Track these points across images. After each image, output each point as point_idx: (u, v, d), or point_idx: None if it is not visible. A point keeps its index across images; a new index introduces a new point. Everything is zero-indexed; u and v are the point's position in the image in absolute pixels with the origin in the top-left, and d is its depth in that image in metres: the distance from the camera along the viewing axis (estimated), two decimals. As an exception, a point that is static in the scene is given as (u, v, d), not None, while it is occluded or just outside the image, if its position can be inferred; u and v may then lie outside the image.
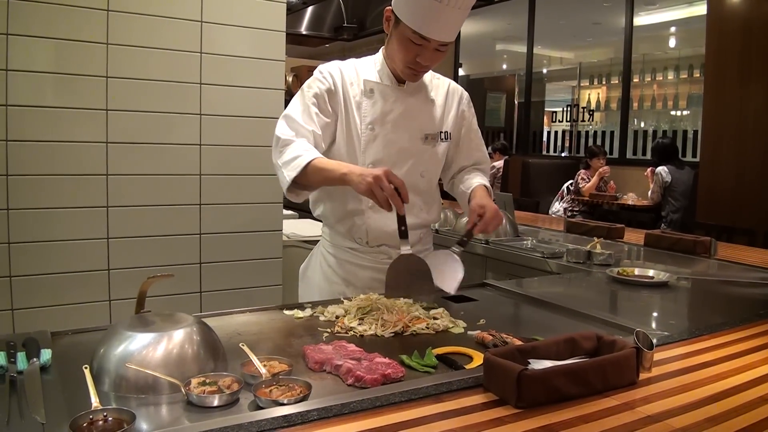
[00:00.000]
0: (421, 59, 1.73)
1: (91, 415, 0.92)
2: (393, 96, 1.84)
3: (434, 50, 1.73)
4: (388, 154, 1.83)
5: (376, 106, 1.83)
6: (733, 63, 5.21)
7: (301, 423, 0.93)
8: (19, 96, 2.23)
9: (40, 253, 2.31)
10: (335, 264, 1.94)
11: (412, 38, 1.70)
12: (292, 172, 1.68)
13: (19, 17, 2.20)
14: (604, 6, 8.33)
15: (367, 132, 1.82)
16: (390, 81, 1.85)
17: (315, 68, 1.93)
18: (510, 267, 2.75)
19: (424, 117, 1.89)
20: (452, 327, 1.51)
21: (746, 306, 1.90)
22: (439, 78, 1.98)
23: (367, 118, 1.82)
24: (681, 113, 7.99)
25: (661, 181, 5.85)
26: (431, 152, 1.91)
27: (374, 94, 1.83)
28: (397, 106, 1.84)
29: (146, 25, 2.42)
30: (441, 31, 1.68)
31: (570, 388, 1.03)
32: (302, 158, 1.68)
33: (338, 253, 1.94)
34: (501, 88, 10.78)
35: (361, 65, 1.88)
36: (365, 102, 1.83)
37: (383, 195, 1.53)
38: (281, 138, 1.77)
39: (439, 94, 1.94)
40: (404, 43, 1.73)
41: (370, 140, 1.82)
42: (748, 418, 0.99)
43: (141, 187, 2.48)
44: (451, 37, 1.72)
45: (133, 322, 1.18)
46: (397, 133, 1.84)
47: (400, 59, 1.78)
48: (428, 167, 1.92)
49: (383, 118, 1.83)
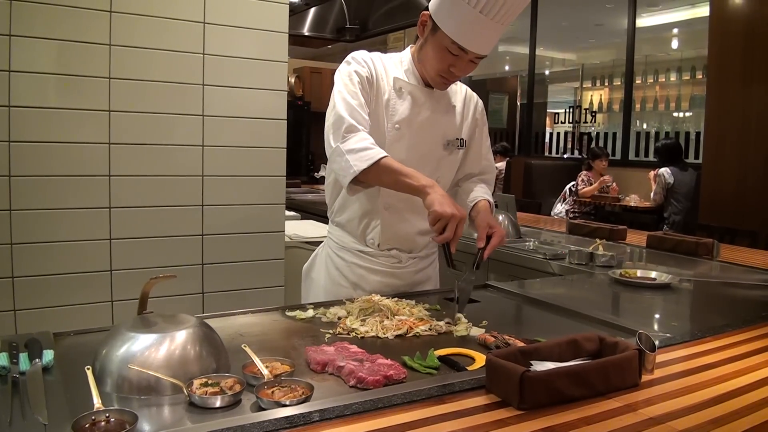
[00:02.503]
0: (455, 69, 1.71)
1: (93, 416, 0.92)
2: (422, 98, 1.81)
3: (469, 61, 1.71)
4: (411, 157, 1.78)
5: (405, 105, 1.79)
6: (735, 64, 5.20)
7: (303, 424, 0.93)
8: (22, 97, 2.23)
9: (43, 253, 2.31)
10: (343, 266, 1.91)
11: (450, 48, 1.67)
12: (362, 163, 1.60)
13: (21, 18, 2.20)
14: (606, 7, 8.32)
15: (393, 131, 1.78)
16: (417, 83, 1.82)
17: (318, 70, 1.92)
18: (512, 268, 2.75)
19: (446, 123, 1.87)
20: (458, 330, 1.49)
21: (749, 308, 1.90)
22: (457, 83, 1.95)
23: (394, 117, 1.78)
24: (683, 115, 7.97)
25: (664, 183, 5.85)
26: (449, 159, 1.89)
27: (404, 93, 1.80)
28: (425, 110, 1.81)
29: (149, 26, 2.42)
30: (480, 43, 1.66)
31: (572, 390, 1.03)
32: (374, 152, 1.61)
33: (347, 255, 1.91)
34: (503, 89, 10.77)
35: (389, 61, 1.84)
36: (394, 100, 1.79)
37: (449, 234, 1.53)
38: (347, 121, 1.65)
39: (458, 100, 1.92)
40: (440, 52, 1.70)
41: (395, 140, 1.78)
42: (751, 420, 0.99)
43: (143, 188, 2.48)
44: (488, 50, 1.70)
45: (135, 323, 1.18)
46: (421, 137, 1.81)
47: (432, 67, 1.74)
48: (444, 173, 1.90)
49: (411, 119, 1.79)
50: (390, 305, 1.58)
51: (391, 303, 1.61)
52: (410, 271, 1.93)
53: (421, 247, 1.94)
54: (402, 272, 1.91)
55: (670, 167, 5.87)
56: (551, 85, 10.12)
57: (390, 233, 1.85)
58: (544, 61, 9.65)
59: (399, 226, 1.85)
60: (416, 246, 1.92)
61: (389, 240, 1.86)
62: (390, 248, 1.88)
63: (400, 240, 1.87)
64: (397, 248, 1.88)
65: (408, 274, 1.92)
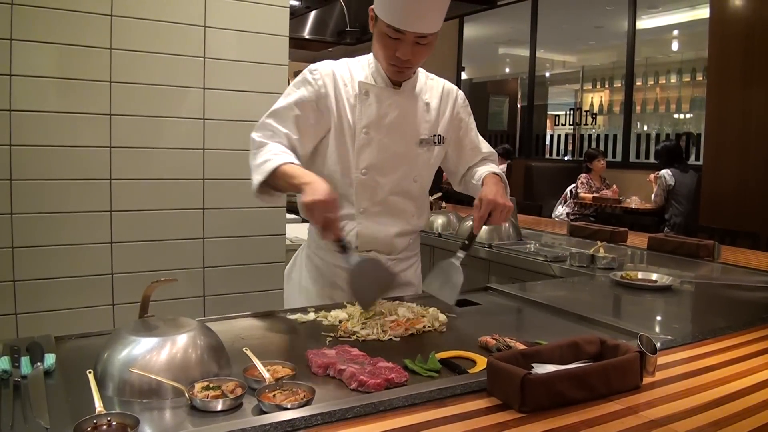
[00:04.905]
0: (400, 54, 1.69)
1: (94, 420, 0.93)
2: (388, 99, 1.80)
3: (414, 44, 1.68)
4: (383, 159, 1.80)
5: (371, 109, 1.79)
6: (735, 66, 5.21)
7: (305, 427, 0.93)
8: (23, 101, 2.23)
9: (44, 257, 2.31)
10: (323, 266, 1.90)
11: (388, 32, 1.67)
12: (260, 176, 1.65)
13: (22, 22, 2.21)
14: (606, 9, 8.33)
15: (362, 136, 1.79)
16: (384, 83, 1.81)
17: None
18: (513, 271, 2.75)
19: (419, 121, 1.85)
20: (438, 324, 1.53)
21: (750, 309, 1.90)
22: (434, 79, 1.94)
23: (362, 122, 1.78)
24: (684, 116, 7.97)
25: (665, 185, 5.85)
26: (425, 157, 1.88)
27: (369, 96, 1.79)
28: (393, 110, 1.80)
29: (149, 30, 2.43)
30: (415, 22, 1.64)
31: (573, 393, 1.03)
32: (271, 163, 1.64)
33: (326, 256, 1.89)
34: (504, 91, 10.78)
35: (355, 66, 1.84)
36: (360, 105, 1.79)
37: (317, 222, 1.52)
38: (255, 140, 1.74)
39: (433, 95, 1.90)
40: (382, 39, 1.71)
41: (364, 145, 1.79)
42: (752, 422, 0.99)
43: (144, 192, 2.48)
44: (426, 28, 1.67)
45: (136, 327, 1.18)
46: (392, 138, 1.81)
47: (381, 56, 1.75)
48: (421, 172, 1.89)
49: (379, 122, 1.79)
50: (390, 308, 1.59)
51: (391, 305, 1.61)
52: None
53: (399, 250, 1.92)
54: None
55: (670, 169, 5.87)
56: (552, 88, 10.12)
57: (367, 236, 1.84)
58: (544, 63, 9.66)
59: (375, 228, 1.84)
60: (395, 248, 1.90)
61: (367, 243, 1.85)
62: (369, 250, 1.86)
63: (378, 243, 1.86)
64: (375, 250, 1.86)
65: None
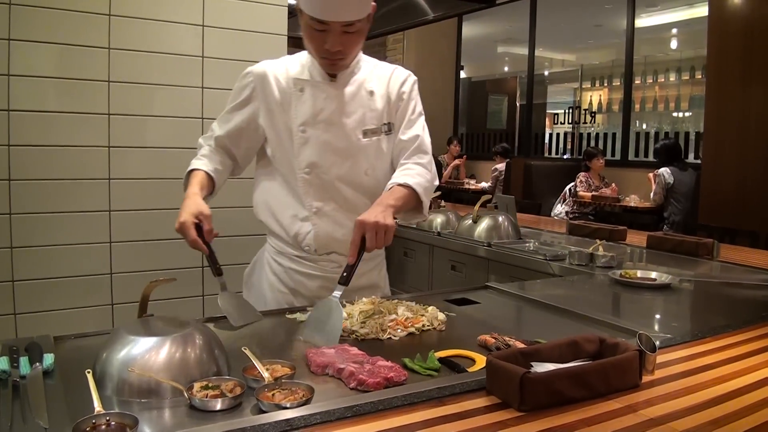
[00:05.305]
0: (329, 46, 1.61)
1: (93, 420, 0.92)
2: (324, 93, 1.72)
3: (342, 33, 1.60)
4: (324, 156, 1.72)
5: (306, 105, 1.71)
6: (734, 64, 5.21)
7: (304, 427, 0.93)
8: (22, 101, 2.23)
9: (43, 257, 2.31)
10: (281, 272, 1.83)
11: (313, 25, 1.59)
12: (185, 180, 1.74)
13: (21, 22, 2.21)
14: (605, 8, 8.33)
15: (299, 134, 1.71)
16: (321, 77, 1.73)
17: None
18: (512, 269, 2.74)
19: (362, 111, 1.75)
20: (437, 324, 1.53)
21: (749, 308, 1.90)
22: (383, 66, 1.83)
23: (297, 119, 1.71)
24: (683, 115, 7.97)
25: (664, 183, 5.85)
26: (375, 147, 1.77)
27: (304, 92, 1.72)
28: (329, 104, 1.72)
29: (148, 29, 2.42)
30: (337, 11, 1.55)
31: (573, 391, 1.03)
32: (190, 165, 1.74)
33: (284, 261, 1.82)
34: (503, 90, 10.78)
35: (292, 62, 1.77)
36: (295, 102, 1.72)
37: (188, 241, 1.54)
38: (199, 140, 1.84)
39: (380, 83, 1.79)
40: (308, 32, 1.63)
41: (302, 143, 1.71)
42: (752, 421, 0.99)
43: (143, 191, 2.48)
44: (351, 15, 1.57)
45: (135, 327, 1.18)
46: (331, 133, 1.72)
47: (312, 51, 1.68)
48: (373, 164, 1.77)
49: (314, 118, 1.71)
50: (390, 307, 1.59)
51: (390, 304, 1.61)
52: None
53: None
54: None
55: (669, 167, 5.87)
56: (550, 86, 10.11)
57: (324, 238, 1.76)
58: (543, 61, 9.65)
59: (332, 229, 1.75)
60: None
61: (325, 245, 1.77)
62: (328, 252, 1.78)
63: (338, 244, 1.76)
64: (336, 252, 1.78)
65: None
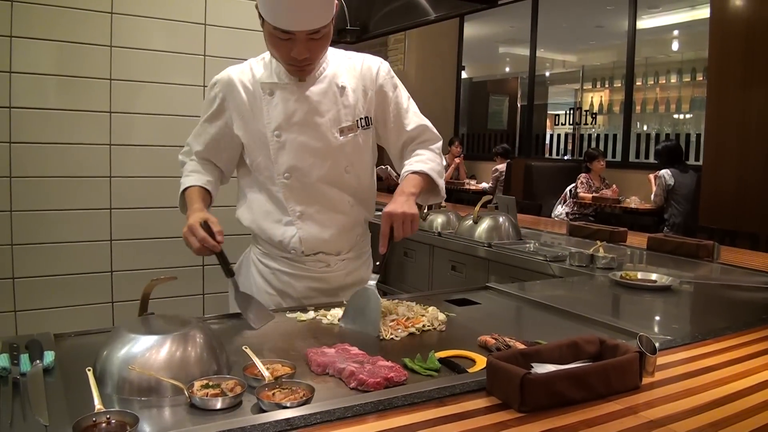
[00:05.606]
0: (296, 54, 1.57)
1: (94, 418, 0.92)
2: (294, 95, 1.68)
3: (308, 40, 1.55)
4: (302, 158, 1.70)
5: (277, 109, 1.68)
6: (736, 66, 5.20)
7: (304, 426, 0.93)
8: (23, 98, 2.23)
9: (43, 254, 2.32)
10: (268, 274, 1.82)
11: (277, 34, 1.54)
12: (180, 198, 1.76)
13: (22, 19, 2.21)
14: (607, 9, 8.33)
15: (274, 140, 1.69)
16: (289, 78, 1.69)
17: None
18: (513, 270, 2.74)
19: (336, 109, 1.71)
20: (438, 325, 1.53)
21: (749, 310, 1.90)
22: (351, 57, 1.78)
23: (271, 125, 1.69)
24: (684, 116, 7.97)
25: (664, 185, 5.84)
26: (353, 144, 1.74)
27: (274, 96, 1.69)
28: (301, 105, 1.68)
29: (150, 27, 2.43)
30: (302, 20, 1.51)
31: (573, 393, 1.03)
32: (181, 187, 1.76)
33: (271, 262, 1.81)
34: (504, 91, 10.78)
35: (257, 65, 1.74)
36: (266, 107, 1.69)
37: (195, 250, 1.56)
38: (179, 159, 1.85)
39: (351, 76, 1.75)
40: (272, 40, 1.58)
41: (279, 148, 1.69)
42: (752, 423, 0.99)
43: (144, 189, 2.48)
44: (315, 23, 1.53)
45: (136, 325, 1.18)
46: (307, 135, 1.69)
47: (278, 58, 1.64)
48: (352, 161, 1.76)
49: (288, 121, 1.68)
50: (390, 307, 1.59)
51: (390, 304, 1.61)
52: (340, 274, 1.83)
53: (349, 248, 1.84)
54: (331, 276, 1.81)
55: (670, 169, 5.87)
56: (551, 87, 10.11)
57: (310, 240, 1.75)
58: (544, 62, 9.65)
59: (317, 230, 1.75)
60: (343, 247, 1.82)
61: (312, 247, 1.76)
62: (316, 253, 1.78)
63: (324, 244, 1.76)
64: (323, 252, 1.78)
65: (338, 277, 1.82)
